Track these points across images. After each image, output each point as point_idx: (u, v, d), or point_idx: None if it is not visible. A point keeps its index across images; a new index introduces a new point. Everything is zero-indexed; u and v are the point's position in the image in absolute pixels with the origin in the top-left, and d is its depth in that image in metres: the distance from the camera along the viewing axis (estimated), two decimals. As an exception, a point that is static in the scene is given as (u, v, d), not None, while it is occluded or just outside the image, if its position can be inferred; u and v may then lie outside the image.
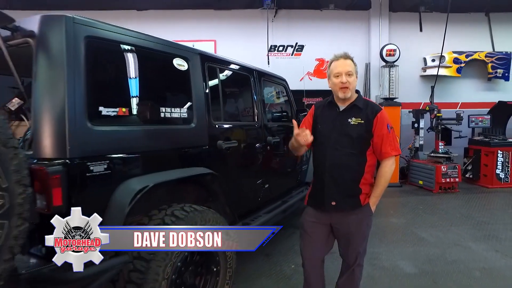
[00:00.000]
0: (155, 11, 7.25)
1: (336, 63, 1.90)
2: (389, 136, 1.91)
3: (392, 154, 1.93)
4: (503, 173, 6.51)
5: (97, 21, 1.74)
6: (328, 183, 1.93)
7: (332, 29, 7.56)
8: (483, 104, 7.57)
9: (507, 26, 7.84)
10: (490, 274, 2.98)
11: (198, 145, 2.32)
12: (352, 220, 1.94)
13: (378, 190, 1.98)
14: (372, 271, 3.06)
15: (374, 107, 1.96)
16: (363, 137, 1.90)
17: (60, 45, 1.58)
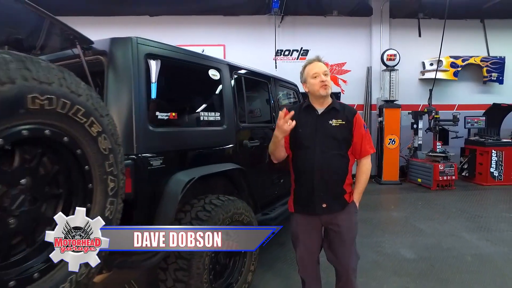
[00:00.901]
0: (166, 17, 7.58)
1: (311, 65, 1.99)
2: (366, 135, 2.01)
3: (371, 152, 2.03)
4: (497, 172, 6.88)
5: (154, 41, 2.10)
6: (317, 186, 1.94)
7: (335, 34, 7.91)
8: (479, 106, 7.94)
9: (501, 32, 8.21)
10: (480, 259, 3.35)
11: (228, 144, 2.68)
12: (342, 218, 1.99)
13: (360, 187, 2.04)
14: (376, 257, 3.42)
15: (351, 109, 2.06)
16: (346, 138, 1.97)
17: (127, 61, 1.94)
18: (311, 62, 2.02)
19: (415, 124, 7.31)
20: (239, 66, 2.98)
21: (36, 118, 1.04)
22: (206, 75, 2.52)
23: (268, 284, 2.91)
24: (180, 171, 2.16)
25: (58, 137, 1.13)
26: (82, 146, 1.21)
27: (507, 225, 4.39)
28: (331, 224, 2.01)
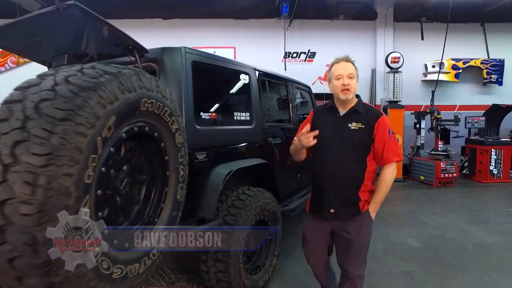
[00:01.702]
0: (179, 20, 7.88)
1: (337, 65, 1.89)
2: (390, 141, 1.86)
3: (394, 160, 1.87)
4: (496, 170, 7.19)
5: (198, 50, 2.41)
6: (327, 190, 1.88)
7: (341, 37, 8.22)
8: (479, 106, 8.27)
9: (500, 35, 8.54)
10: (480, 247, 3.67)
11: (255, 141, 2.99)
12: (352, 227, 1.90)
13: (378, 197, 1.91)
14: (385, 246, 3.73)
15: (375, 112, 1.92)
16: (364, 142, 1.85)
17: (177, 68, 2.24)
18: (338, 62, 1.91)
19: (417, 124, 7.62)
20: (264, 71, 3.28)
21: (143, 118, 1.34)
22: (238, 79, 2.83)
23: (289, 268, 3.21)
24: (218, 165, 2.47)
25: (152, 133, 1.43)
26: (165, 140, 1.51)
27: (505, 218, 4.71)
28: (340, 231, 1.94)
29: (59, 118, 0.96)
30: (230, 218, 2.41)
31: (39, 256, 0.92)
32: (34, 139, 0.92)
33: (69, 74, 1.07)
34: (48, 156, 0.91)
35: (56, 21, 1.94)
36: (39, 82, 1.04)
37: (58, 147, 0.93)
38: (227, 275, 2.37)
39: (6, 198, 0.89)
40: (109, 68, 1.20)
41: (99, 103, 1.05)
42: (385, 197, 1.94)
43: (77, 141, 0.98)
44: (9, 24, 1.86)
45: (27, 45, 2.42)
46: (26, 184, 0.89)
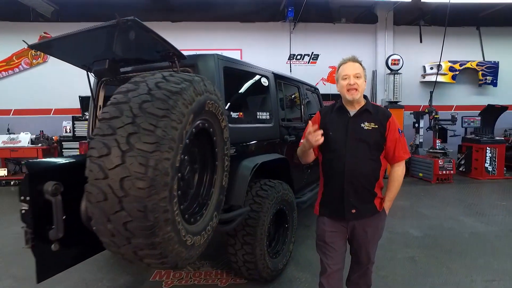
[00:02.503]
0: (187, 23, 8.15)
1: (344, 66, 1.89)
2: (401, 140, 1.90)
3: (405, 158, 1.92)
4: (491, 167, 7.54)
5: (228, 57, 2.71)
6: (348, 191, 1.88)
7: (343, 40, 8.55)
8: (475, 107, 8.63)
9: (495, 38, 8.90)
10: (475, 236, 4.01)
11: (274, 138, 3.30)
12: (369, 226, 1.94)
13: (391, 194, 1.96)
14: (390, 235, 4.05)
15: (385, 112, 1.95)
16: (378, 142, 1.87)
17: (211, 72, 2.54)
18: (345, 62, 1.91)
19: (416, 123, 7.95)
20: (280, 74, 3.59)
21: (205, 116, 1.64)
22: (259, 82, 3.13)
23: (303, 254, 3.52)
24: (245, 159, 2.77)
25: (208, 128, 1.73)
26: (216, 135, 1.80)
27: (498, 211, 5.06)
28: (358, 229, 1.96)
29: (160, 115, 1.25)
30: (255, 206, 2.71)
31: (147, 220, 1.21)
32: (143, 131, 1.20)
33: (157, 81, 1.36)
34: (155, 144, 1.20)
35: (108, 32, 2.23)
36: (135, 87, 1.33)
37: (161, 138, 1.22)
38: (253, 256, 2.67)
39: (124, 175, 1.18)
40: (185, 76, 1.50)
41: (183, 104, 1.35)
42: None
43: (172, 134, 1.27)
44: (73, 34, 2.14)
45: (73, 52, 2.70)
46: (140, 165, 1.17)
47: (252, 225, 2.67)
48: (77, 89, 7.93)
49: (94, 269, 3.24)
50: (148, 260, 1.31)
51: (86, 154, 1.23)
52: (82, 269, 3.21)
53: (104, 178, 1.18)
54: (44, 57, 8.08)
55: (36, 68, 8.13)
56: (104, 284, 2.95)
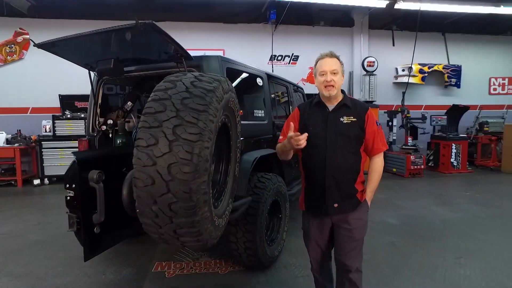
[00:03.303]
0: (170, 23, 8.16)
1: (321, 61, 1.87)
2: (379, 132, 1.92)
3: (383, 150, 1.94)
4: (456, 161, 8.20)
5: (229, 58, 2.90)
6: (329, 185, 1.87)
7: (322, 42, 8.92)
8: (441, 106, 9.31)
9: (458, 44, 9.66)
10: (445, 222, 4.46)
11: (268, 134, 3.52)
12: (353, 219, 1.92)
13: (372, 185, 1.96)
14: (370, 224, 4.27)
15: (362, 105, 1.96)
16: (358, 135, 1.88)
17: (216, 72, 2.71)
18: (322, 58, 1.89)
19: (390, 122, 8.46)
20: (272, 75, 3.83)
21: (227, 112, 1.83)
22: (255, 81, 3.35)
23: (293, 243, 3.76)
24: (245, 153, 2.97)
25: (228, 123, 1.92)
26: (231, 129, 2.00)
27: (463, 200, 5.60)
28: (342, 223, 1.94)
29: (200, 110, 1.42)
30: (255, 196, 2.93)
31: (191, 200, 1.38)
32: (187, 123, 1.38)
33: (192, 80, 1.54)
34: (198, 135, 1.38)
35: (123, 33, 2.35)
36: (173, 86, 1.50)
37: (203, 129, 1.40)
38: (254, 243, 2.88)
39: (172, 162, 1.35)
40: (214, 76, 1.69)
41: (216, 101, 1.54)
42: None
43: (210, 126, 1.46)
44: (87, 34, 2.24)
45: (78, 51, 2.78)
46: (187, 153, 1.35)
47: (253, 214, 2.88)
48: (57, 88, 7.78)
49: (94, 263, 3.32)
50: (185, 238, 1.48)
51: (111, 146, 1.39)
52: (81, 263, 3.29)
53: (152, 164, 1.34)
54: (20, 53, 7.82)
55: (12, 65, 7.86)
56: (107, 277, 3.04)
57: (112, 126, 3.28)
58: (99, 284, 2.92)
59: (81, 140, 3.23)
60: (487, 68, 10.01)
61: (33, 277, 3.05)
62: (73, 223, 1.53)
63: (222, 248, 3.55)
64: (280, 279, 2.98)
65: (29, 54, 7.83)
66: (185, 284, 2.90)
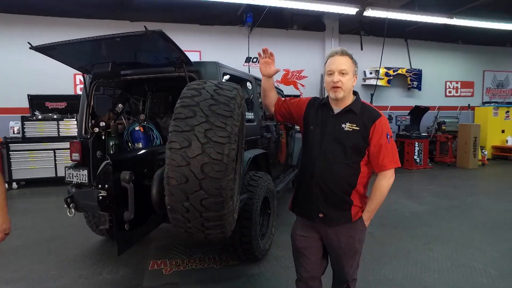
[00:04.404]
0: (145, 23, 8.03)
1: (331, 60, 1.71)
2: (387, 146, 1.68)
3: (390, 167, 1.71)
4: (418, 158, 8.91)
5: (225, 64, 3.07)
6: (316, 193, 1.73)
7: (295, 45, 9.28)
8: (405, 107, 10.05)
9: (419, 50, 10.48)
10: (413, 214, 4.94)
11: (256, 135, 3.73)
12: (343, 235, 1.75)
13: (372, 205, 1.76)
14: (348, 217, 4.76)
15: (372, 112, 1.72)
16: (358, 146, 1.68)
17: (214, 78, 2.88)
18: (332, 56, 1.72)
19: (359, 122, 8.97)
20: (258, 78, 4.02)
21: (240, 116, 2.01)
22: (246, 85, 3.54)
23: (280, 238, 3.98)
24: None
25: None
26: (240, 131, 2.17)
27: (427, 194, 6.17)
28: (330, 239, 1.79)
29: (227, 116, 1.59)
30: (249, 194, 3.12)
31: (221, 196, 1.54)
32: (216, 128, 1.54)
33: (214, 89, 1.70)
34: (227, 138, 1.54)
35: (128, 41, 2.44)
36: (198, 93, 1.65)
37: (230, 132, 1.56)
38: (249, 237, 3.08)
39: (205, 162, 1.50)
40: (232, 84, 1.85)
41: (237, 107, 1.71)
42: (380, 205, 1.80)
43: (235, 130, 1.62)
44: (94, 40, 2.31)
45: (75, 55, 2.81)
46: (218, 153, 1.51)
47: (248, 210, 3.07)
48: (24, 87, 7.44)
49: (88, 264, 3.34)
50: (210, 231, 1.64)
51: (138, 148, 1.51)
52: (75, 265, 3.32)
53: (186, 164, 1.49)
54: (-18, 52, 7.37)
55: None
56: (105, 277, 3.09)
57: (104, 128, 3.32)
58: (98, 285, 2.96)
59: (73, 143, 3.24)
60: (443, 72, 10.93)
61: (27, 282, 3.02)
62: (105, 221, 1.63)
63: (214, 244, 3.72)
64: (273, 270, 3.20)
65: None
66: (183, 280, 3.02)
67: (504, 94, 11.96)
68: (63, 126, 7.07)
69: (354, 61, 1.74)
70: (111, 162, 1.64)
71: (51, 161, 7.03)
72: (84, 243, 3.90)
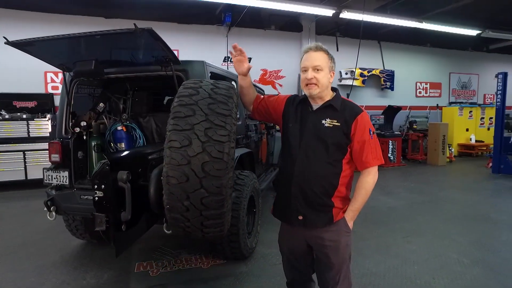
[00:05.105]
0: (121, 20, 7.88)
1: (305, 56, 1.65)
2: (370, 142, 1.62)
3: (374, 164, 1.64)
4: (392, 156, 9.28)
5: (212, 64, 3.06)
6: (295, 194, 1.66)
7: (273, 45, 9.38)
8: (379, 107, 10.43)
9: (391, 51, 10.90)
10: (390, 209, 5.16)
11: (241, 134, 3.74)
12: (327, 238, 1.66)
13: (356, 204, 1.68)
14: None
15: (354, 108, 1.65)
16: (339, 143, 1.61)
17: (202, 77, 2.87)
18: (306, 52, 1.66)
19: (336, 121, 9.21)
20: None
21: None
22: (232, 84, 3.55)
23: (265, 236, 4.01)
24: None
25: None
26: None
27: (402, 190, 6.46)
28: (315, 243, 1.71)
29: (226, 114, 1.59)
30: (237, 192, 3.14)
31: (221, 194, 1.54)
32: (216, 126, 1.54)
33: (211, 88, 1.69)
34: (227, 136, 1.55)
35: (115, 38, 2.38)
36: (195, 92, 1.64)
37: (229, 131, 1.57)
38: (237, 236, 3.09)
39: (205, 161, 1.50)
40: (227, 83, 1.85)
41: (235, 106, 1.72)
42: (364, 204, 1.71)
43: (233, 128, 1.63)
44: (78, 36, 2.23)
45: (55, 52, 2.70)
46: (219, 152, 1.51)
47: (236, 209, 3.08)
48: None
49: (70, 269, 3.22)
50: (209, 230, 1.63)
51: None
52: (55, 271, 3.19)
53: (187, 163, 1.48)
54: None
55: None
56: (89, 282, 2.99)
57: (86, 128, 3.21)
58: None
59: (53, 143, 3.11)
60: (414, 73, 11.45)
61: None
62: (102, 222, 1.59)
63: (199, 244, 3.70)
64: (260, 268, 3.23)
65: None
66: (172, 281, 2.98)
67: (467, 95, 12.71)
68: (33, 126, 6.72)
69: (331, 56, 1.66)
70: (108, 161, 1.60)
71: (20, 163, 6.67)
72: (63, 247, 3.74)
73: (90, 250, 3.67)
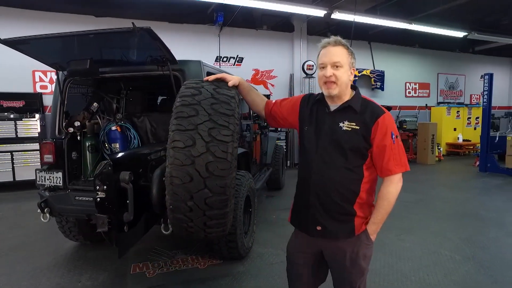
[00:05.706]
0: (112, 19, 7.75)
1: (323, 51, 1.52)
2: (393, 148, 1.46)
3: (397, 172, 1.48)
4: (382, 155, 9.40)
5: (208, 63, 3.05)
6: (313, 203, 1.54)
7: (265, 45, 9.38)
8: (369, 107, 10.53)
9: (382, 52, 11.03)
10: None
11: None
12: (345, 250, 1.54)
13: (379, 215, 1.53)
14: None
15: (375, 109, 1.50)
16: (358, 148, 1.48)
17: (198, 76, 2.86)
18: (324, 47, 1.52)
19: (328, 121, 9.31)
20: (238, 78, 4.05)
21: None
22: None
23: (260, 235, 4.04)
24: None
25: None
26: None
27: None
28: (331, 254, 1.59)
29: (229, 114, 1.59)
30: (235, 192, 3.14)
31: (225, 194, 1.54)
32: (220, 126, 1.53)
33: (214, 88, 1.69)
34: (231, 136, 1.55)
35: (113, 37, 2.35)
36: (197, 92, 1.63)
37: (233, 131, 1.57)
38: (235, 236, 3.09)
39: (209, 161, 1.49)
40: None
41: (237, 106, 1.72)
42: (387, 216, 1.54)
43: (236, 128, 1.63)
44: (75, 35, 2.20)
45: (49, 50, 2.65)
46: (223, 152, 1.51)
47: (234, 208, 3.09)
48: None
49: (64, 272, 3.17)
50: (212, 230, 1.63)
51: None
52: (49, 274, 3.14)
53: (191, 163, 1.48)
54: None
55: None
56: (84, 284, 2.94)
57: (80, 128, 3.16)
58: (77, 292, 2.82)
59: (46, 143, 3.05)
60: (403, 74, 11.62)
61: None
62: (104, 224, 1.57)
63: (194, 245, 3.69)
64: (257, 267, 3.24)
65: None
66: (169, 282, 2.97)
67: (455, 95, 12.98)
68: (21, 127, 6.57)
69: (351, 51, 1.53)
70: (111, 162, 1.58)
71: (8, 164, 6.51)
72: (56, 250, 3.67)
73: (83, 252, 3.61)
